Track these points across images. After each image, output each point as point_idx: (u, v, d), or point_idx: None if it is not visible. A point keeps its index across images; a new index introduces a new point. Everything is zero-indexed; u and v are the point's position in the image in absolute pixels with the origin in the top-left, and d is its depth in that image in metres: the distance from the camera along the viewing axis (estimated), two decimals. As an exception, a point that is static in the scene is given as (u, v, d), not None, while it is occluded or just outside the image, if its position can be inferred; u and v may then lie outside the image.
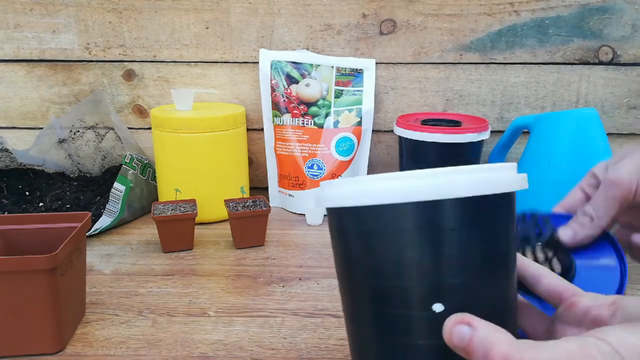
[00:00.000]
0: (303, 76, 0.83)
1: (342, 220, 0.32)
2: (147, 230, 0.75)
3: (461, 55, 0.86)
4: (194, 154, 0.75)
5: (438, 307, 0.28)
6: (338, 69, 0.83)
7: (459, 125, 0.77)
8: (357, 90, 0.84)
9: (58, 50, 0.88)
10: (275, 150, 0.85)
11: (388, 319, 0.30)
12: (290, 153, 0.83)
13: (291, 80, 0.83)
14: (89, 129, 0.88)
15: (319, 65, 0.83)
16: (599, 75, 0.85)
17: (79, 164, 0.90)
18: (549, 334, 0.32)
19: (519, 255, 0.36)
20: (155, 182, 0.82)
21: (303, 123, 0.83)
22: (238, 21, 0.85)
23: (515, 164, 0.31)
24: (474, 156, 0.78)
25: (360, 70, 0.84)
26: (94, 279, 0.60)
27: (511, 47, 0.85)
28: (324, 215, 0.80)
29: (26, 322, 0.44)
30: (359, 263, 0.31)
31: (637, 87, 0.85)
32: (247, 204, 0.71)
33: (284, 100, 0.83)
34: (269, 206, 0.69)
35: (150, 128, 0.90)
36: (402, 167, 0.83)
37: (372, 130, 0.87)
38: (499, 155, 0.84)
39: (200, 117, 0.74)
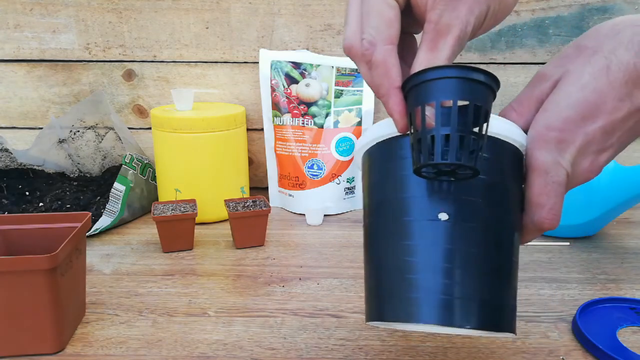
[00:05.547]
0: (303, 76, 0.83)
1: (371, 154, 0.38)
2: (147, 230, 0.75)
3: (461, 55, 0.86)
4: (194, 154, 0.75)
5: (443, 216, 0.33)
6: (338, 69, 0.83)
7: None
8: (357, 90, 0.84)
9: (58, 50, 0.88)
10: (275, 150, 0.85)
11: (404, 225, 0.34)
12: (290, 153, 0.83)
13: (291, 80, 0.83)
14: (89, 129, 0.88)
15: (319, 65, 0.83)
16: (599, 75, 0.85)
17: (79, 164, 0.90)
18: None
19: None
20: (155, 182, 0.82)
21: (303, 123, 0.83)
22: (238, 21, 0.85)
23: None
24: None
25: (360, 70, 0.84)
26: (94, 279, 0.60)
27: (511, 47, 0.85)
28: (324, 215, 0.80)
29: (26, 322, 0.44)
30: (387, 182, 0.36)
31: (637, 87, 0.85)
32: (247, 204, 0.71)
33: (284, 100, 0.83)
34: (269, 206, 0.69)
35: (150, 128, 0.90)
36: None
37: (372, 130, 0.87)
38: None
39: (200, 117, 0.74)
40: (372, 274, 0.36)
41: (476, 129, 0.31)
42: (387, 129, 0.36)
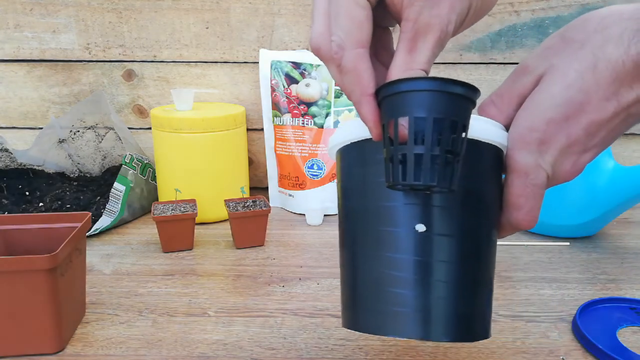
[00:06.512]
0: (303, 76, 0.83)
1: (347, 155, 0.36)
2: (147, 230, 0.75)
3: (461, 55, 0.86)
4: (194, 154, 0.75)
5: (421, 228, 0.31)
6: (338, 69, 0.83)
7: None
8: (357, 90, 0.84)
9: (58, 50, 0.88)
10: (275, 150, 0.85)
11: (380, 235, 0.33)
12: (290, 153, 0.83)
13: (291, 80, 0.83)
14: (89, 129, 0.88)
15: (319, 65, 0.83)
16: (599, 75, 0.85)
17: (79, 164, 0.90)
18: None
19: None
20: (155, 182, 0.82)
21: (303, 123, 0.83)
22: (238, 21, 0.85)
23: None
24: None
25: (360, 70, 0.84)
26: (94, 279, 0.60)
27: (511, 47, 0.85)
28: (324, 215, 0.80)
29: (26, 322, 0.45)
30: (363, 189, 0.34)
31: (637, 87, 0.85)
32: (247, 204, 0.71)
33: (284, 100, 0.83)
34: (269, 206, 0.69)
35: (150, 128, 0.90)
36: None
37: (372, 130, 0.87)
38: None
39: (200, 117, 0.74)
40: (347, 281, 0.35)
41: (453, 145, 0.29)
42: (363, 129, 0.33)
